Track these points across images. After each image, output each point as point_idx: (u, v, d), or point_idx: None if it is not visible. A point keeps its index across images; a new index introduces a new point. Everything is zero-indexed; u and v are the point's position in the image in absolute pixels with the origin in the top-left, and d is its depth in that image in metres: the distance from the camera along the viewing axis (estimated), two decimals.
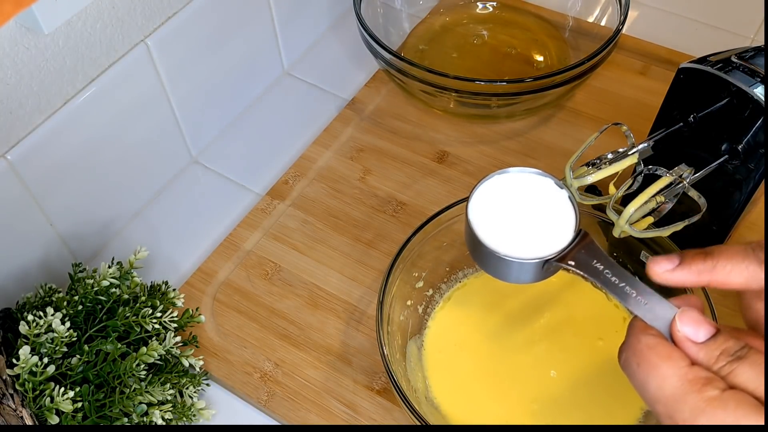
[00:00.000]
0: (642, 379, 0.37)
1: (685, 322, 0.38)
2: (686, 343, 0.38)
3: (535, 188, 0.48)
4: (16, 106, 0.58)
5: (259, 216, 0.73)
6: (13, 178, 0.60)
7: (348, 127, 0.80)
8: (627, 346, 0.39)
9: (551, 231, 0.46)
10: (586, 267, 0.44)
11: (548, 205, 0.48)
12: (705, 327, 0.38)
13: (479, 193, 0.48)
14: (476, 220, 0.47)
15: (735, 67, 0.53)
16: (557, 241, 0.45)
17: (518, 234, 0.46)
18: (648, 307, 0.40)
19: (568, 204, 0.48)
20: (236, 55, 0.78)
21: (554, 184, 0.49)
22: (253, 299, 0.67)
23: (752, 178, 0.55)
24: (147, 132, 0.71)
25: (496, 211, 0.47)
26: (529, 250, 0.45)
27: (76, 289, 0.59)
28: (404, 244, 0.60)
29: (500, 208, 0.47)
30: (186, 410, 0.58)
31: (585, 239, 0.45)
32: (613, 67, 0.83)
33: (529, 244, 0.46)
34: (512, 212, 0.47)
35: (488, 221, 0.47)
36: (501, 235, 0.46)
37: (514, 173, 0.49)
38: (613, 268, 0.43)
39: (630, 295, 0.42)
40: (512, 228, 0.46)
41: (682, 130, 0.57)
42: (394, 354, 0.58)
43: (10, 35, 0.55)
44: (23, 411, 0.50)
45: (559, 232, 0.46)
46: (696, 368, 0.36)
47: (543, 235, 0.46)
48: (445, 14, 0.89)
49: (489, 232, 0.46)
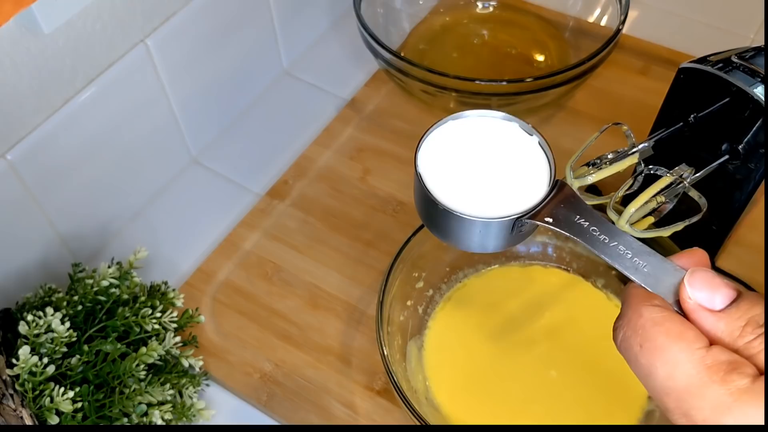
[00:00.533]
0: (646, 365, 0.30)
1: (697, 285, 0.30)
2: (701, 313, 0.30)
3: (498, 135, 0.40)
4: (16, 106, 0.58)
5: (258, 216, 0.73)
6: (13, 178, 0.60)
7: (348, 127, 0.80)
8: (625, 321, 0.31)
9: (521, 184, 0.38)
10: (568, 224, 0.36)
11: (516, 153, 0.39)
12: (723, 290, 0.30)
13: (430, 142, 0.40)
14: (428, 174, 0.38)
15: (735, 67, 0.53)
16: (529, 195, 0.38)
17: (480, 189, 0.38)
18: (648, 270, 0.33)
19: (540, 151, 0.40)
20: (236, 55, 0.78)
21: (521, 128, 0.40)
22: (253, 299, 0.67)
23: (752, 178, 0.55)
24: (147, 132, 0.71)
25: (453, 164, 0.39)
26: (495, 207, 0.37)
27: (75, 289, 0.59)
28: (404, 244, 0.60)
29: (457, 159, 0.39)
30: (186, 410, 0.58)
31: (563, 190, 0.38)
32: (613, 67, 0.83)
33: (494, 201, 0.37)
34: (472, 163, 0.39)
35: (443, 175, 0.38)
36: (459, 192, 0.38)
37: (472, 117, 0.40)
38: (600, 225, 0.36)
39: (624, 256, 0.34)
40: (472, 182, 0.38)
41: (682, 130, 0.57)
42: (394, 354, 0.57)
43: (10, 35, 0.55)
44: (23, 411, 0.50)
45: (530, 185, 0.38)
46: (716, 349, 0.28)
47: (511, 190, 0.38)
48: (445, 14, 0.89)
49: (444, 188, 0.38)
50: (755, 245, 0.68)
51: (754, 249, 0.68)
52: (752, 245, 0.68)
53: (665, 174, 0.54)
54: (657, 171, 0.55)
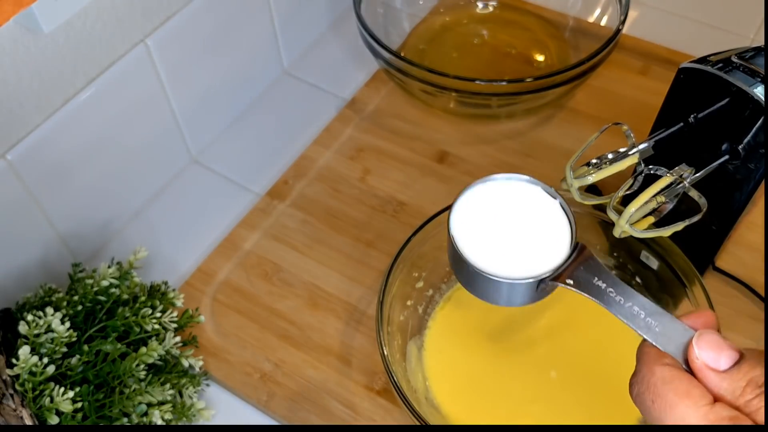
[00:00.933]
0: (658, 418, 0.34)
1: (704, 347, 0.34)
2: (706, 372, 0.33)
3: (524, 197, 0.43)
4: (16, 106, 0.58)
5: (258, 216, 0.73)
6: (13, 178, 0.60)
7: (348, 127, 0.80)
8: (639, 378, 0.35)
9: (544, 245, 0.41)
10: (587, 286, 0.39)
11: (540, 215, 0.42)
12: (727, 352, 0.33)
13: (461, 205, 0.43)
14: (459, 236, 0.41)
15: (735, 67, 0.53)
16: (552, 256, 0.40)
17: (507, 250, 0.41)
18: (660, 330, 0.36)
19: (562, 214, 0.42)
20: (236, 55, 0.78)
21: (544, 191, 0.43)
22: (253, 299, 0.67)
23: (752, 178, 0.55)
24: (147, 132, 0.71)
25: (482, 225, 0.42)
26: (521, 268, 0.40)
27: (75, 289, 0.59)
28: (404, 244, 0.60)
29: (486, 221, 0.42)
30: (186, 410, 0.58)
31: (583, 253, 0.40)
32: (613, 67, 0.83)
33: (519, 262, 0.40)
34: (499, 225, 0.42)
35: (473, 236, 0.41)
36: (488, 252, 0.41)
37: (499, 181, 0.43)
38: (617, 286, 0.39)
39: (638, 316, 0.37)
40: (500, 243, 0.41)
41: (682, 130, 0.57)
42: (394, 354, 0.57)
43: (10, 35, 0.55)
44: (23, 411, 0.50)
45: (553, 246, 0.41)
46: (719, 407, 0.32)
47: (535, 251, 0.41)
48: (445, 14, 0.89)
49: (474, 248, 0.41)
50: (755, 245, 0.68)
51: (754, 249, 0.68)
52: (752, 245, 0.68)
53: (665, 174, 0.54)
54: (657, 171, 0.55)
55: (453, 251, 0.41)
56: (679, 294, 0.59)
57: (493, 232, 0.42)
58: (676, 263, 0.59)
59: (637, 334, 0.37)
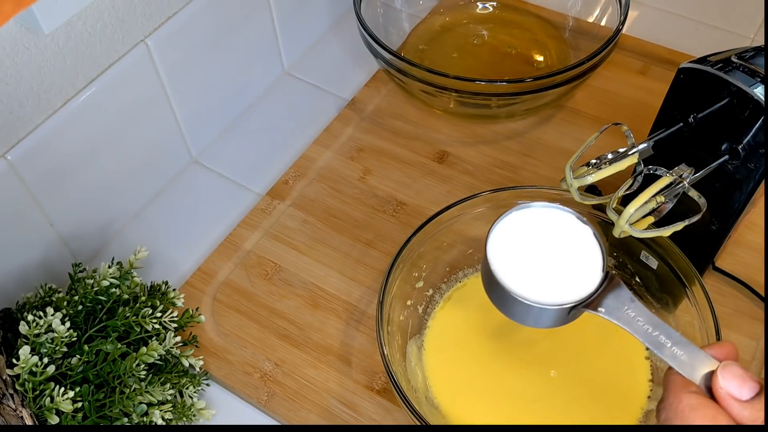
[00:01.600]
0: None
1: (728, 377, 0.36)
2: (729, 401, 0.36)
3: (557, 224, 0.45)
4: (16, 106, 0.58)
5: (259, 216, 0.73)
6: (13, 178, 0.60)
7: (348, 127, 0.80)
8: (667, 404, 0.37)
9: (576, 273, 0.43)
10: (617, 314, 0.41)
11: (572, 243, 0.44)
12: (749, 384, 0.36)
13: (499, 229, 0.45)
14: (495, 259, 0.43)
15: (735, 67, 0.53)
16: (583, 284, 0.42)
17: (541, 276, 0.43)
18: (685, 359, 0.38)
19: (594, 241, 0.44)
20: (236, 55, 0.78)
21: (577, 219, 0.45)
22: (253, 299, 0.67)
23: (752, 178, 0.55)
24: (147, 132, 0.71)
25: (517, 250, 0.44)
26: (553, 294, 0.42)
27: (76, 289, 0.59)
28: (404, 244, 0.60)
29: (521, 246, 0.44)
30: (186, 410, 0.58)
31: (613, 282, 0.42)
32: (613, 67, 0.83)
33: (552, 288, 0.42)
34: (534, 251, 0.44)
35: (508, 260, 0.43)
36: (522, 277, 0.43)
37: (535, 208, 0.46)
38: (645, 315, 0.41)
39: (665, 345, 0.39)
40: (534, 269, 0.43)
41: (682, 130, 0.57)
42: (394, 354, 0.58)
43: (10, 35, 0.55)
44: (23, 411, 0.50)
45: (584, 273, 0.42)
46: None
47: (567, 278, 0.43)
48: (445, 14, 0.89)
49: (509, 272, 0.43)
50: (755, 245, 0.68)
51: (754, 249, 0.68)
52: (752, 245, 0.68)
53: (665, 174, 0.54)
54: (657, 171, 0.55)
55: (488, 273, 0.43)
56: (678, 294, 0.59)
57: (528, 257, 0.43)
58: (675, 263, 0.59)
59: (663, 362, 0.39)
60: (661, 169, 0.54)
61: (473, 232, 0.65)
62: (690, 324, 0.58)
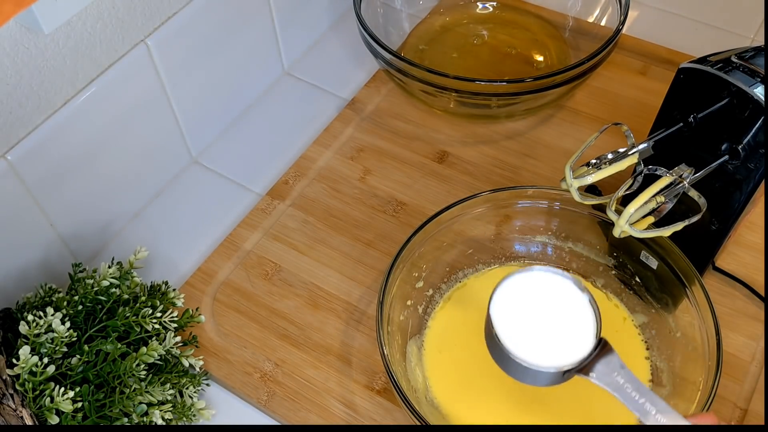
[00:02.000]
0: None
1: None
2: None
3: (557, 289, 0.48)
4: (16, 106, 0.58)
5: (259, 216, 0.73)
6: (13, 178, 0.60)
7: (348, 127, 0.80)
8: None
9: (571, 338, 0.46)
10: (607, 380, 0.44)
11: (569, 309, 0.47)
12: None
13: (503, 289, 0.48)
14: (497, 319, 0.46)
15: (735, 67, 0.53)
16: (577, 349, 0.45)
17: (538, 338, 0.46)
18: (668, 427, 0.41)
19: (589, 309, 0.47)
20: (236, 55, 0.78)
21: (575, 286, 0.48)
22: (253, 299, 0.67)
23: (752, 178, 0.55)
24: (147, 132, 0.71)
25: (518, 311, 0.47)
26: (549, 357, 0.45)
27: (76, 289, 0.59)
28: (404, 244, 0.60)
29: (521, 308, 0.47)
30: (186, 410, 0.58)
31: (605, 349, 0.45)
32: (613, 67, 0.83)
33: (548, 351, 0.45)
34: (533, 314, 0.47)
35: (509, 321, 0.46)
36: (521, 338, 0.46)
37: (538, 272, 0.48)
38: (633, 382, 0.43)
39: (650, 412, 0.42)
40: (533, 331, 0.46)
41: (682, 130, 0.57)
42: (394, 354, 0.58)
43: (10, 35, 0.55)
44: (23, 411, 0.50)
45: (579, 339, 0.45)
46: None
47: (563, 342, 0.46)
48: (445, 14, 0.89)
49: (509, 332, 0.46)
50: (755, 245, 0.68)
51: (754, 249, 0.68)
52: (752, 245, 0.68)
53: (665, 174, 0.54)
54: (657, 171, 0.55)
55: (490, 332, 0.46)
56: (678, 294, 0.59)
57: (527, 320, 0.46)
58: (675, 263, 0.59)
59: None
60: (661, 169, 0.54)
61: (473, 232, 0.65)
62: (690, 324, 0.58)
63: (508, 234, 0.67)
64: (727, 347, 0.62)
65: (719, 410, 0.59)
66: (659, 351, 0.60)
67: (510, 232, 0.67)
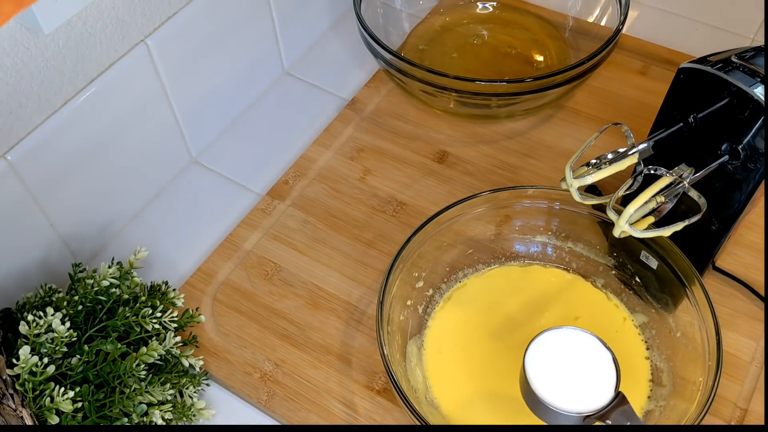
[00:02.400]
0: None
1: None
2: None
3: (584, 346, 0.53)
4: (16, 106, 0.58)
5: (259, 216, 0.73)
6: (13, 178, 0.60)
7: (348, 127, 0.80)
8: None
9: (594, 388, 0.51)
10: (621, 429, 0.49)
11: (593, 363, 0.53)
12: None
13: (536, 344, 0.54)
14: (531, 369, 0.52)
15: (735, 67, 0.53)
16: (598, 397, 0.51)
17: (565, 386, 0.51)
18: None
19: (611, 365, 0.52)
20: (236, 55, 0.78)
21: (600, 344, 0.53)
22: (253, 299, 0.67)
23: (752, 178, 0.55)
24: (147, 132, 0.71)
25: (549, 362, 0.53)
26: (574, 403, 0.51)
27: (76, 289, 0.59)
28: (404, 244, 0.60)
29: (553, 358, 0.53)
30: (186, 410, 0.58)
31: (623, 401, 0.50)
32: (613, 67, 0.83)
33: (573, 397, 0.51)
34: (562, 365, 0.53)
35: (541, 371, 0.52)
36: (550, 385, 0.52)
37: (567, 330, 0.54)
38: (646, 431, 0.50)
39: None
40: (561, 380, 0.52)
41: (682, 130, 0.57)
42: (394, 354, 0.58)
43: (10, 35, 0.55)
44: (23, 411, 0.50)
45: (600, 389, 0.51)
46: None
47: (586, 391, 0.51)
48: (445, 14, 0.89)
49: (540, 380, 0.52)
50: (755, 245, 0.68)
51: (754, 249, 0.68)
52: (752, 245, 0.68)
53: (665, 174, 0.54)
54: (657, 171, 0.55)
55: (525, 381, 0.52)
56: (678, 294, 0.59)
57: (556, 370, 0.52)
58: (675, 263, 0.59)
59: None
60: (661, 169, 0.54)
61: (473, 232, 0.65)
62: (690, 324, 0.58)
63: (508, 234, 0.67)
64: (727, 347, 0.62)
65: (719, 410, 0.59)
66: (659, 351, 0.60)
67: (510, 232, 0.67)
